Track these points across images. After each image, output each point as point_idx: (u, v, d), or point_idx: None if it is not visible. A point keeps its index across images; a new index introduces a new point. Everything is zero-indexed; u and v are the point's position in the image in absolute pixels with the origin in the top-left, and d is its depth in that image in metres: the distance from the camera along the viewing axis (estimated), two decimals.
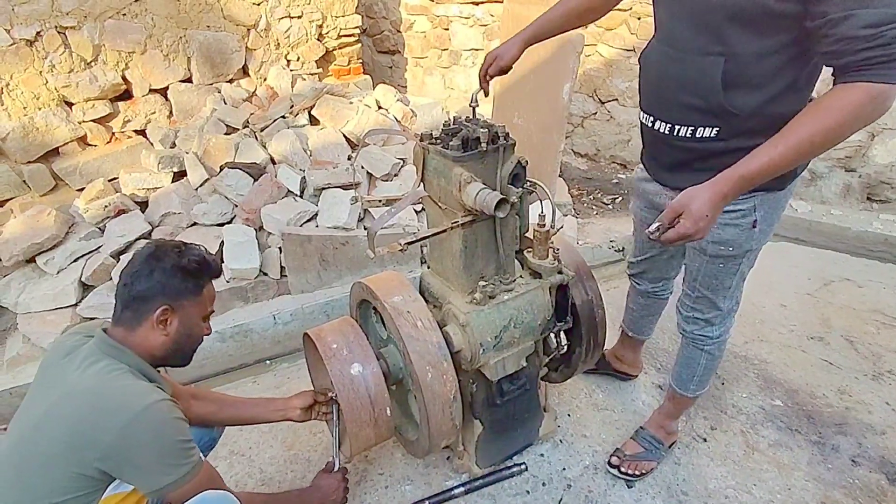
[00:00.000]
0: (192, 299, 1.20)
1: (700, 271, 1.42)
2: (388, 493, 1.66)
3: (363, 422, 1.40)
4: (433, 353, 1.37)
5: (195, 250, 1.22)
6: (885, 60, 0.92)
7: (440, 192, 1.38)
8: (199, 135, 3.12)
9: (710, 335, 1.51)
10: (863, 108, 0.95)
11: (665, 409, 1.73)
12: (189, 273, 1.18)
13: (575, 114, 4.07)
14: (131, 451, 1.02)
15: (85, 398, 1.03)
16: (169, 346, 1.18)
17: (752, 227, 1.28)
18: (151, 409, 1.03)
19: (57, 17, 2.95)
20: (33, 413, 1.07)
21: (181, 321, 1.19)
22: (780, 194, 1.26)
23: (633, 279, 1.80)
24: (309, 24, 3.91)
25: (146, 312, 1.14)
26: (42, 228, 2.56)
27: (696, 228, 1.06)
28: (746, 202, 1.25)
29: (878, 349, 2.19)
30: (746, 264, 1.38)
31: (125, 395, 1.04)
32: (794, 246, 3.03)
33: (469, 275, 1.45)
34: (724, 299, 1.44)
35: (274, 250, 2.65)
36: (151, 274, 1.15)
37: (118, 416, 1.01)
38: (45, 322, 2.39)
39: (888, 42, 0.90)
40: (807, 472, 1.69)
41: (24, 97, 3.01)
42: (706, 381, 1.62)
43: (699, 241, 1.30)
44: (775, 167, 1.02)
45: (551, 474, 1.70)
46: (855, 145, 3.01)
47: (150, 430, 1.03)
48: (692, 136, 1.22)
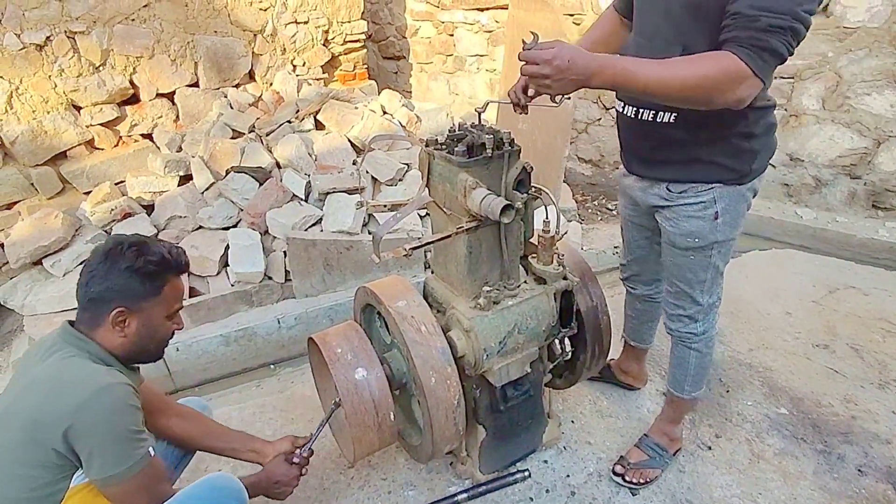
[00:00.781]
0: (151, 300, 1.15)
1: (675, 265, 1.46)
2: (390, 498, 1.66)
3: (367, 426, 1.40)
4: (437, 359, 1.37)
5: (154, 249, 1.16)
6: (754, 44, 1.00)
7: (445, 197, 1.39)
8: (205, 139, 3.14)
9: (695, 332, 1.53)
10: (721, 75, 1.02)
11: (666, 414, 1.73)
12: (146, 275, 1.13)
13: (579, 120, 4.07)
14: (83, 432, 0.99)
15: (42, 384, 1.03)
16: (129, 347, 1.15)
17: (715, 219, 1.33)
18: (107, 390, 1.01)
19: (66, 21, 2.99)
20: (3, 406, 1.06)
21: (140, 322, 1.14)
22: (739, 188, 1.32)
23: (627, 284, 1.81)
24: (315, 29, 3.94)
25: (103, 314, 1.10)
26: (49, 231, 2.58)
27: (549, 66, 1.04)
28: (705, 195, 1.32)
29: (884, 357, 2.18)
30: (718, 258, 1.41)
31: (81, 377, 1.03)
32: (799, 253, 3.02)
33: (473, 280, 1.45)
34: (702, 293, 1.47)
35: (279, 254, 2.66)
36: (106, 276, 1.10)
37: (72, 394, 0.99)
38: (52, 324, 2.40)
39: (762, 28, 0.99)
40: (812, 481, 1.67)
41: (33, 101, 3.05)
42: (700, 381, 1.62)
43: (670, 236, 1.41)
44: (632, 82, 1.07)
45: (555, 481, 1.69)
46: (860, 152, 3.01)
47: (103, 411, 1.00)
48: (654, 119, 1.28)
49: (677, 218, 1.38)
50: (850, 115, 2.97)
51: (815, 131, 3.11)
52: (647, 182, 1.42)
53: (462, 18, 4.42)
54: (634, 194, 1.50)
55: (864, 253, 2.91)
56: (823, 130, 3.08)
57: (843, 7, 2.85)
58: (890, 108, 2.84)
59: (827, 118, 3.05)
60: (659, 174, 1.37)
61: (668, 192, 1.37)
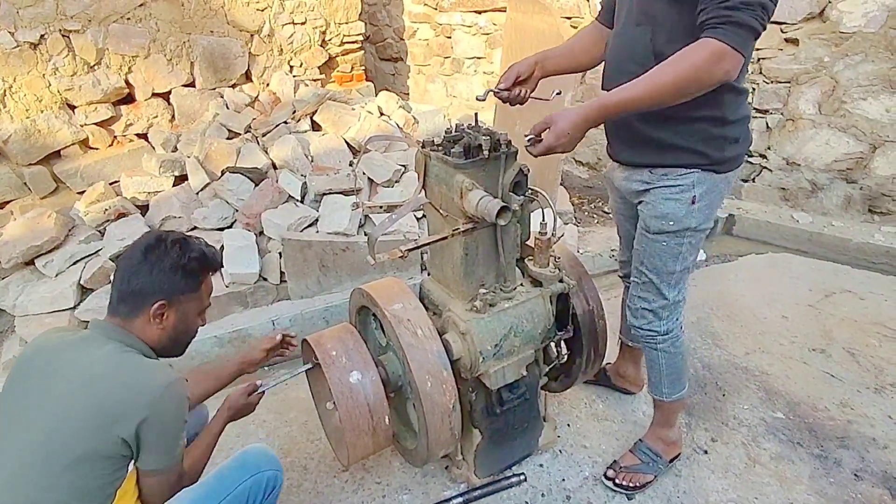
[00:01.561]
0: (189, 295, 1.21)
1: (645, 252, 1.47)
2: (385, 501, 1.65)
3: (361, 430, 1.39)
4: (433, 363, 1.36)
5: (195, 246, 1.22)
6: (727, 22, 1.07)
7: (441, 199, 1.38)
8: (200, 139, 3.12)
9: (657, 330, 1.53)
10: (704, 64, 1.09)
11: (656, 419, 1.72)
12: (189, 271, 1.19)
13: None
14: (157, 423, 1.04)
15: (105, 377, 1.05)
16: (164, 339, 1.19)
17: (692, 203, 1.36)
18: (175, 385, 1.08)
19: (61, 20, 2.97)
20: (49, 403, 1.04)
21: (177, 316, 1.20)
22: (717, 177, 1.36)
23: (625, 281, 1.80)
24: (312, 30, 3.93)
25: (142, 307, 1.15)
26: (42, 231, 2.56)
27: (558, 143, 1.20)
28: (684, 178, 1.35)
29: (880, 362, 2.18)
30: (688, 248, 1.43)
31: (148, 372, 1.08)
32: (796, 257, 3.02)
33: (469, 282, 1.45)
34: (669, 287, 1.48)
35: (274, 255, 2.64)
36: (151, 271, 1.15)
37: (146, 391, 1.04)
38: (43, 325, 2.37)
39: (733, 6, 1.06)
40: (809, 485, 1.67)
41: (26, 99, 3.03)
42: (676, 383, 1.61)
43: (645, 218, 1.44)
44: (635, 103, 1.17)
45: (550, 485, 1.68)
46: (856, 157, 3.02)
47: (174, 405, 1.08)
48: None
49: (655, 201, 1.40)
50: (847, 120, 2.98)
51: (811, 136, 3.12)
52: (632, 169, 1.45)
53: (460, 21, 4.42)
54: (620, 185, 1.53)
55: (860, 257, 2.92)
56: (820, 135, 3.09)
57: (839, 12, 2.86)
58: (886, 112, 2.85)
59: (823, 123, 3.06)
60: (641, 159, 1.41)
61: (650, 175, 1.40)
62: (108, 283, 2.52)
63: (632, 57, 1.30)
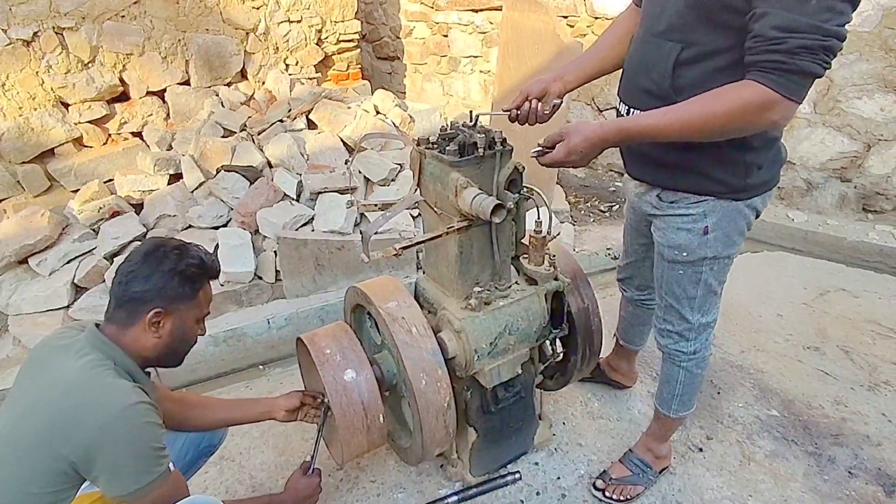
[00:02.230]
0: (187, 303, 1.18)
1: (664, 278, 1.41)
2: (379, 500, 1.64)
3: (356, 428, 1.39)
4: (427, 360, 1.36)
5: (194, 253, 1.20)
6: (781, 68, 0.93)
7: (436, 196, 1.38)
8: (195, 137, 3.11)
9: (684, 350, 1.46)
10: (748, 108, 0.98)
11: (652, 430, 1.68)
12: (187, 277, 1.16)
13: (573, 121, 4.07)
14: (105, 451, 0.99)
15: (66, 391, 1.02)
16: (161, 348, 1.16)
17: (704, 234, 1.27)
18: (130, 410, 1.02)
19: (55, 17, 2.95)
20: (21, 402, 1.06)
21: (175, 324, 1.17)
22: (735, 204, 1.25)
23: (621, 285, 1.80)
24: (308, 28, 3.92)
25: (139, 314, 1.12)
26: (35, 229, 2.54)
27: (567, 159, 1.14)
28: (695, 207, 1.26)
29: (874, 360, 2.19)
30: (710, 274, 1.34)
31: (106, 394, 1.03)
32: (791, 256, 3.03)
33: (464, 280, 1.44)
34: (692, 311, 1.40)
35: (269, 254, 2.64)
36: (149, 277, 1.12)
37: (97, 413, 0.99)
38: (37, 324, 2.36)
39: (789, 49, 0.92)
40: (803, 483, 1.67)
41: (19, 97, 3.00)
42: (688, 402, 1.56)
43: (659, 247, 1.37)
44: (657, 132, 1.08)
45: (546, 483, 1.68)
46: (851, 156, 3.03)
47: (126, 431, 1.01)
48: None
49: (667, 228, 1.33)
50: (841, 119, 2.99)
51: (806, 134, 3.13)
52: (643, 187, 1.38)
53: (456, 19, 4.42)
54: (632, 199, 1.48)
55: (854, 256, 2.93)
56: (815, 134, 3.10)
57: None
58: (880, 111, 2.86)
59: (818, 122, 3.07)
60: (651, 177, 1.34)
61: (659, 201, 1.33)
62: (103, 281, 2.51)
63: (649, 72, 1.20)
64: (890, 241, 2.88)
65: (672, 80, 1.15)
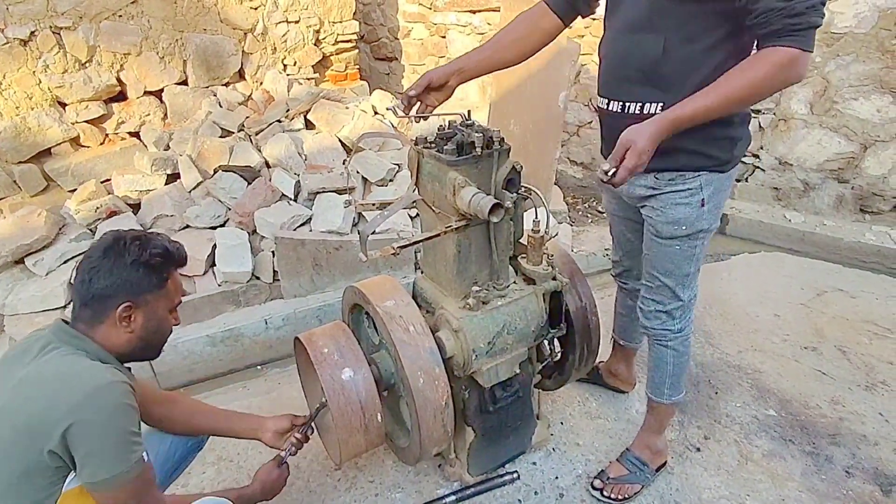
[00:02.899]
0: (156, 293, 1.14)
1: (657, 257, 1.46)
2: (377, 500, 1.64)
3: (354, 428, 1.38)
4: (425, 359, 1.35)
5: (156, 241, 1.15)
6: (797, 29, 1.07)
7: (434, 196, 1.38)
8: (193, 137, 3.11)
9: (671, 328, 1.52)
10: (781, 68, 1.10)
11: (647, 424, 1.69)
12: (152, 267, 1.12)
13: (571, 122, 4.09)
14: (84, 430, 0.95)
15: (38, 382, 0.99)
16: (135, 342, 1.13)
17: (702, 206, 1.35)
18: (108, 388, 0.99)
19: (52, 17, 2.96)
20: None
21: (146, 316, 1.13)
22: (723, 176, 1.36)
23: (619, 280, 1.80)
24: (306, 29, 3.93)
25: (107, 310, 1.08)
26: (32, 229, 2.54)
27: (640, 161, 1.18)
28: (692, 181, 1.34)
29: (871, 360, 2.19)
30: (700, 248, 1.42)
31: (80, 374, 1.00)
32: (788, 256, 3.04)
33: (462, 280, 1.44)
34: (684, 288, 1.47)
35: (267, 254, 2.64)
36: (111, 270, 1.08)
37: (73, 392, 0.96)
38: (33, 324, 2.36)
39: (799, 12, 1.06)
40: (800, 482, 1.67)
41: (16, 97, 3.00)
42: (679, 384, 1.60)
43: (655, 224, 1.42)
44: (706, 113, 1.16)
45: (544, 483, 1.68)
46: (848, 157, 3.04)
47: (104, 408, 0.97)
48: (640, 111, 1.30)
49: (664, 206, 1.38)
50: (838, 120, 3.01)
51: (803, 135, 3.14)
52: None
53: (454, 20, 4.42)
54: (620, 189, 1.48)
55: (851, 256, 2.94)
56: (812, 135, 3.11)
57: (830, 13, 2.89)
58: (876, 112, 2.87)
59: (815, 123, 3.08)
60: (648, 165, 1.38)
61: (656, 181, 1.37)
62: None
63: (639, 65, 1.28)
64: (887, 241, 2.89)
65: (661, 65, 1.24)
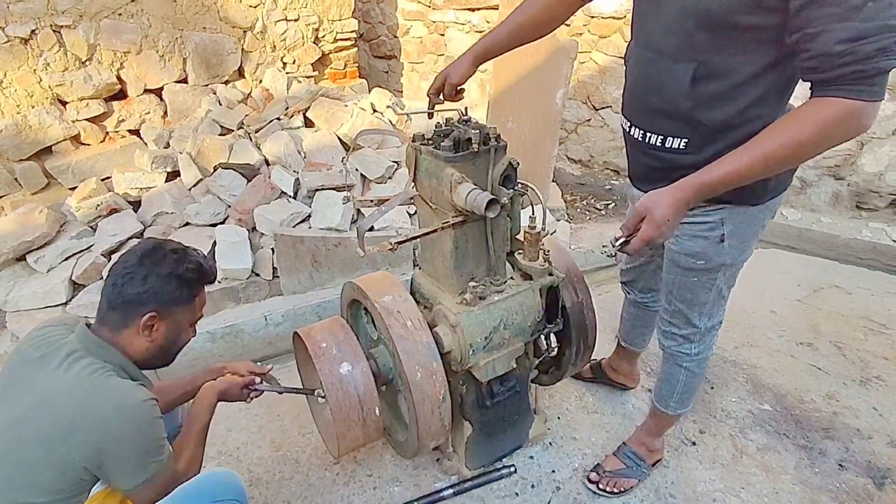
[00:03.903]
0: (182, 307, 1.17)
1: (675, 284, 1.39)
2: (376, 493, 1.66)
3: (352, 421, 1.40)
4: (423, 353, 1.37)
5: (193, 257, 1.19)
6: (860, 77, 0.89)
7: (431, 192, 1.39)
8: (193, 135, 3.12)
9: (687, 352, 1.47)
10: (835, 124, 0.92)
11: (647, 426, 1.70)
12: (185, 282, 1.15)
13: (569, 120, 4.10)
14: (113, 450, 1.00)
15: (69, 398, 1.01)
16: (152, 351, 1.16)
17: (721, 241, 1.24)
18: (135, 409, 1.03)
19: (52, 15, 2.97)
20: (9, 412, 1.02)
21: (168, 328, 1.16)
22: (752, 210, 1.22)
23: (624, 287, 1.79)
24: (305, 27, 3.94)
25: (133, 317, 1.11)
26: (33, 226, 2.56)
27: (659, 233, 1.05)
28: (713, 215, 1.23)
29: (866, 355, 2.21)
30: (723, 280, 1.34)
31: (111, 395, 1.03)
32: (785, 253, 3.06)
33: (460, 275, 1.46)
34: (700, 316, 1.40)
35: (266, 251, 2.66)
36: (145, 279, 1.10)
37: (103, 416, 0.99)
38: (35, 320, 2.37)
39: (863, 58, 0.87)
40: (794, 476, 1.69)
41: (17, 95, 3.02)
42: (687, 400, 1.57)
43: (672, 254, 1.33)
44: (739, 177, 1.00)
45: (540, 476, 1.70)
46: (844, 154, 3.05)
47: (134, 429, 1.02)
48: (661, 145, 1.20)
49: (681, 236, 1.29)
50: None
51: None
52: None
53: (453, 18, 4.43)
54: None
55: (847, 253, 2.96)
56: None
57: None
58: None
59: None
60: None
61: None
62: (100, 278, 2.53)
63: (665, 96, 1.14)
64: (882, 238, 2.91)
65: (689, 99, 1.10)
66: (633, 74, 1.25)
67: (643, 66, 1.20)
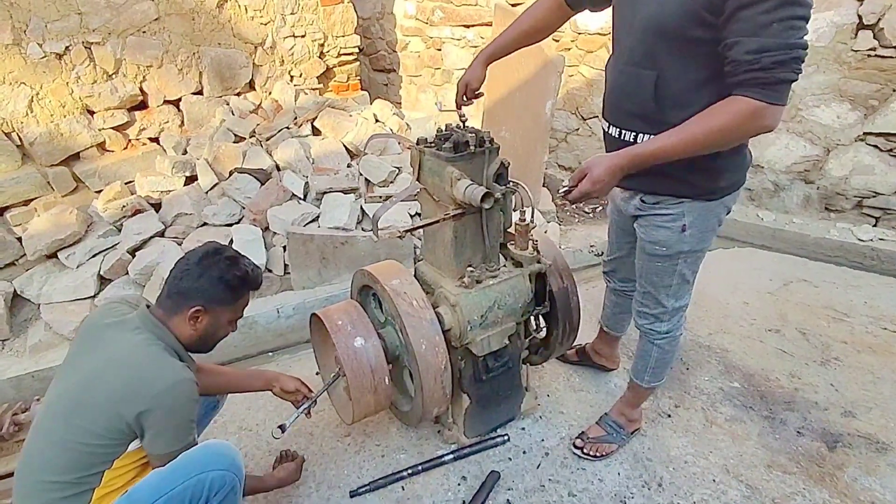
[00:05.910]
0: (225, 307, 1.33)
1: (644, 269, 1.58)
2: (384, 461, 1.82)
3: (365, 388, 1.56)
4: (427, 328, 1.54)
5: (242, 265, 1.34)
6: (763, 83, 1.09)
7: (434, 189, 1.58)
8: (209, 142, 3.32)
9: (658, 329, 1.64)
10: (743, 119, 1.13)
11: (625, 397, 1.87)
12: (231, 286, 1.31)
13: (559, 130, 4.30)
14: (154, 417, 1.16)
15: (129, 364, 1.19)
16: (194, 339, 1.33)
17: (682, 231, 1.42)
18: (181, 384, 1.19)
19: (84, 33, 3.18)
20: (84, 367, 1.22)
21: (210, 322, 1.32)
22: (710, 204, 1.40)
23: (606, 277, 1.98)
24: (311, 43, 4.15)
25: (183, 307, 1.28)
26: (64, 226, 2.74)
27: (593, 189, 1.25)
28: (675, 208, 1.41)
29: (828, 339, 2.40)
30: (685, 266, 1.51)
31: (163, 368, 1.20)
32: (759, 251, 3.27)
33: (459, 262, 1.64)
34: (667, 297, 1.57)
35: (279, 249, 2.83)
36: (199, 277, 1.28)
37: (155, 384, 1.17)
38: (66, 311, 2.56)
39: (765, 67, 1.07)
40: (757, 441, 1.88)
41: (51, 105, 3.21)
42: (660, 374, 1.73)
43: (643, 242, 1.53)
44: (666, 153, 1.21)
45: (531, 444, 1.87)
46: (813, 160, 3.28)
47: (175, 402, 1.18)
48: (634, 141, 1.37)
49: (649, 226, 1.48)
50: (803, 126, 3.24)
51: (772, 140, 3.37)
52: (628, 193, 1.53)
53: (449, 34, 4.60)
54: (618, 203, 1.65)
55: (817, 251, 3.15)
56: (780, 139, 3.35)
57: None
58: (837, 119, 3.11)
59: (783, 128, 3.31)
60: (636, 185, 1.47)
61: (642, 203, 1.48)
62: (126, 273, 2.71)
63: (634, 99, 1.33)
64: (849, 237, 3.12)
65: (654, 101, 1.29)
66: (610, 81, 1.45)
67: (618, 75, 1.40)
